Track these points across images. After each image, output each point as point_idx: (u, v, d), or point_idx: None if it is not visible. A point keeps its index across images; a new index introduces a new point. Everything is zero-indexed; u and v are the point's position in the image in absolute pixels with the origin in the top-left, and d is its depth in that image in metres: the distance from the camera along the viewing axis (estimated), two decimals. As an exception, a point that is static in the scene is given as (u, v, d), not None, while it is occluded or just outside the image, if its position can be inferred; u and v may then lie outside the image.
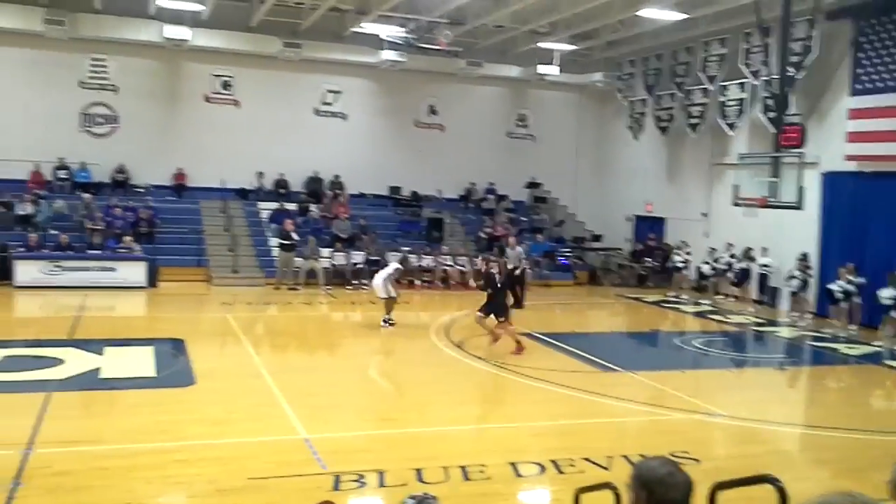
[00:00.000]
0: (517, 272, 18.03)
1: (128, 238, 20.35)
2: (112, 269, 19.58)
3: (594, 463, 7.97)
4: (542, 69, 25.29)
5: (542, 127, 27.82)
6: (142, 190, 23.15)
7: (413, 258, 22.41)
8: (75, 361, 11.72)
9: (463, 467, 7.68)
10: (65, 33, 21.69)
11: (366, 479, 7.35)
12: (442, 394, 11.08)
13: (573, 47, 23.74)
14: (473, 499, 7.10)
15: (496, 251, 18.47)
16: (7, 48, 22.18)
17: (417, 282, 22.04)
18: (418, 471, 7.54)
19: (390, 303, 15.62)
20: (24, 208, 20.87)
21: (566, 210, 27.81)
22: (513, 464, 7.90)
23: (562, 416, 9.98)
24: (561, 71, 25.22)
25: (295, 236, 20.90)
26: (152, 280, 19.85)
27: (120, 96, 23.51)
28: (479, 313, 13.71)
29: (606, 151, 27.98)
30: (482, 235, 24.71)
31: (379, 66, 24.74)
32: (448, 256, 22.85)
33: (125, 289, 19.19)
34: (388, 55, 23.92)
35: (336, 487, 7.09)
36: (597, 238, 26.64)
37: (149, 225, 21.55)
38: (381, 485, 7.30)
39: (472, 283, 17.89)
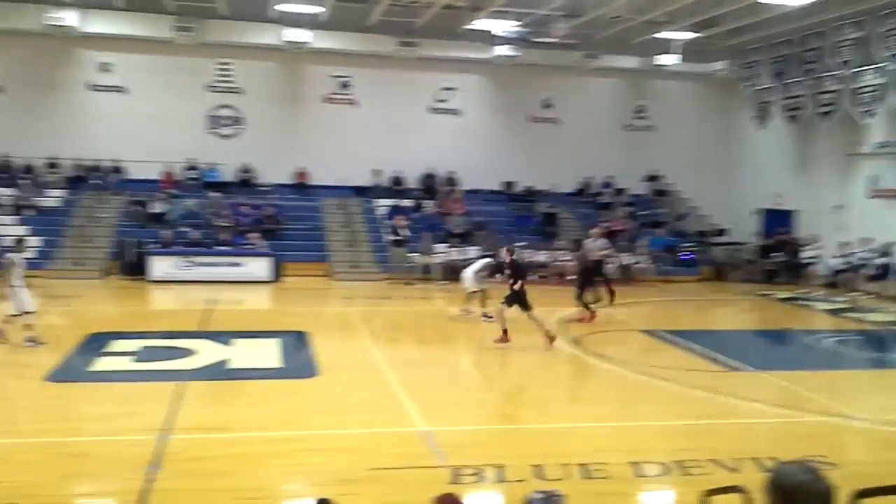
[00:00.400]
0: (595, 261, 17.63)
1: (253, 234, 21.16)
2: (239, 265, 20.40)
3: (722, 465, 7.64)
4: (661, 59, 24.56)
5: (661, 118, 27.04)
6: (266, 188, 24.02)
7: (528, 253, 22.24)
8: (206, 352, 12.24)
9: (583, 465, 7.52)
10: (193, 39, 22.76)
11: (484, 474, 7.31)
12: (561, 390, 10.92)
13: (694, 35, 22.93)
14: (594, 497, 6.94)
15: (571, 244, 18.26)
16: (139, 55, 23.49)
17: (532, 277, 21.83)
18: (537, 467, 7.44)
19: (483, 296, 15.62)
20: (158, 207, 22.04)
21: (689, 203, 26.93)
22: (635, 463, 7.68)
23: (687, 415, 9.63)
24: (682, 60, 24.40)
25: (405, 232, 21.17)
26: (277, 275, 20.56)
27: (244, 98, 24.48)
28: (502, 304, 13.45)
29: (731, 142, 26.90)
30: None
31: (493, 61, 24.69)
32: (563, 252, 22.54)
33: (251, 283, 19.95)
34: (503, 50, 23.83)
35: (455, 481, 7.08)
36: (721, 232, 25.63)
37: (273, 222, 22.34)
38: (500, 480, 7.24)
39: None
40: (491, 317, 15.56)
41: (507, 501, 6.79)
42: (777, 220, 24.34)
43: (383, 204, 24.15)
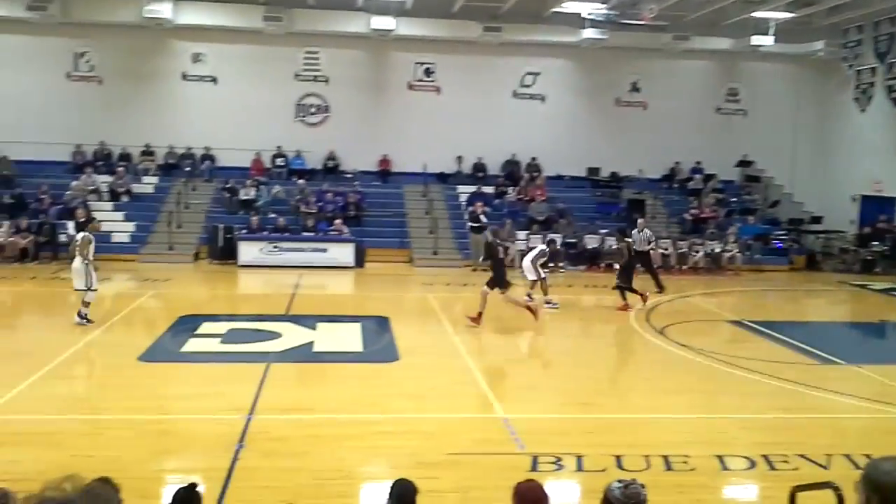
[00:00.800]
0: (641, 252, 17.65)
1: (338, 221, 21.49)
2: (323, 250, 20.77)
3: (811, 461, 7.35)
4: (756, 40, 23.63)
5: (755, 101, 26.09)
6: (350, 175, 24.34)
7: (612, 240, 21.87)
8: (291, 335, 12.51)
9: (665, 457, 7.36)
10: (281, 28, 23.20)
11: (563, 463, 7.23)
12: (643, 380, 10.70)
13: (791, 15, 21.99)
14: (676, 489, 6.77)
15: (617, 233, 17.97)
16: (230, 45, 24.10)
17: (615, 265, 21.47)
18: (618, 457, 7.32)
19: (544, 284, 15.59)
20: (247, 193, 22.63)
21: (782, 190, 25.94)
22: (719, 456, 7.46)
23: (775, 409, 9.30)
24: (777, 41, 23.45)
25: (483, 219, 21.10)
26: (360, 260, 20.84)
27: (330, 87, 24.84)
28: (485, 288, 13.70)
29: (828, 126, 25.73)
30: (687, 217, 23.65)
31: (579, 45, 24.29)
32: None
33: (335, 268, 20.28)
34: (590, 33, 23.41)
35: (534, 468, 7.03)
36: (816, 220, 24.59)
37: (357, 209, 22.63)
38: (580, 469, 7.15)
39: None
40: (556, 304, 15.70)
41: (587, 490, 6.69)
42: (876, 208, 23.19)
43: (465, 191, 24.14)
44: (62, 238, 20.02)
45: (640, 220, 19.00)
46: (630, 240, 16.94)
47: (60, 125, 23.29)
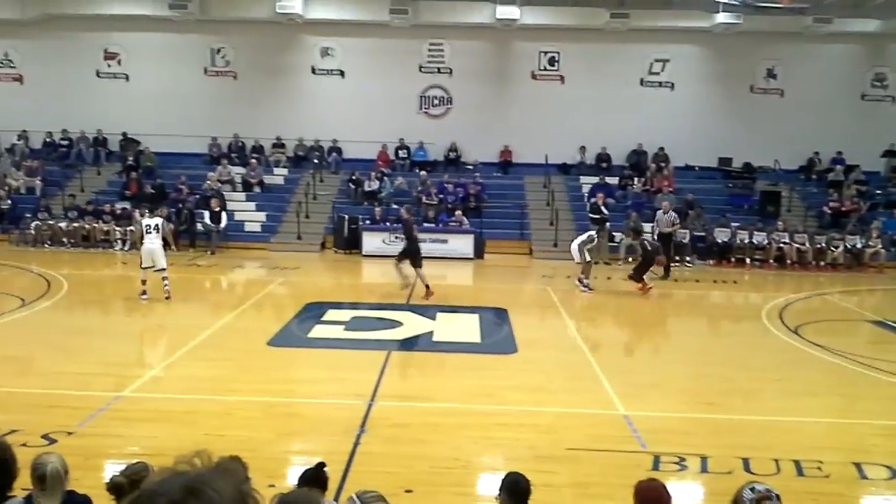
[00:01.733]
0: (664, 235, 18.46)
1: (458, 212, 21.62)
2: (444, 241, 20.93)
3: (963, 475, 6.78)
4: (906, 20, 22.05)
5: (905, 86, 24.35)
6: (471, 167, 24.42)
7: (743, 234, 20.99)
8: (412, 324, 12.70)
9: (796, 462, 6.98)
10: (407, 21, 23.52)
11: (687, 463, 6.99)
12: (773, 381, 10.19)
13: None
14: (809, 497, 6.41)
15: (631, 231, 17.55)
16: (357, 39, 24.65)
17: (748, 260, 20.60)
18: (745, 460, 7.00)
19: (587, 267, 16.10)
20: (371, 185, 23.11)
21: (932, 182, 24.13)
22: (857, 464, 7.01)
23: (922, 417, 8.65)
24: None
25: (605, 210, 20.66)
26: (479, 252, 20.88)
27: (453, 78, 24.99)
28: (395, 259, 15.37)
29: None
30: (826, 210, 22.37)
31: (712, 30, 23.38)
32: (784, 233, 20.99)
33: (455, 259, 20.41)
34: (723, 18, 22.51)
35: (655, 467, 6.83)
36: (972, 214, 22.73)
37: (477, 200, 22.68)
38: (704, 470, 6.89)
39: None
40: (591, 288, 16.17)
41: (712, 493, 6.44)
42: None
43: (588, 181, 23.74)
44: (199, 227, 21.10)
45: (665, 203, 18.52)
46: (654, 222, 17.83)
47: (198, 119, 24.54)
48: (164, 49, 24.95)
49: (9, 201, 22.20)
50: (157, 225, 14.16)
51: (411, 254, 15.18)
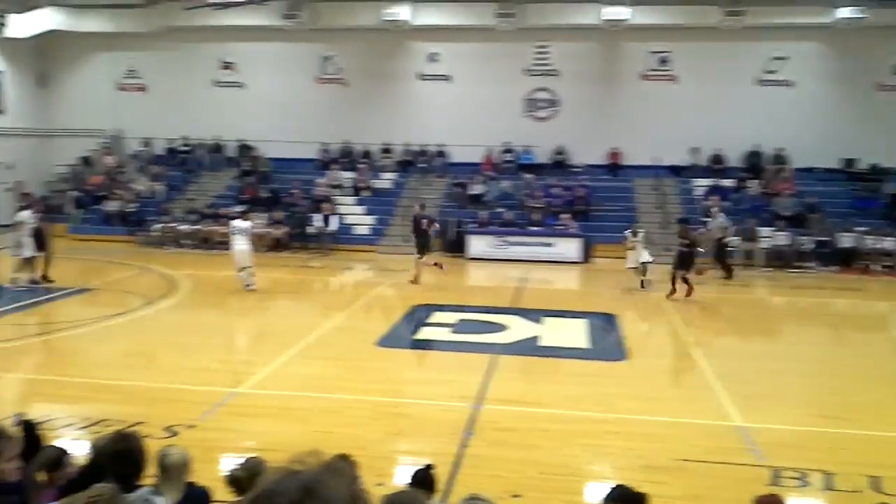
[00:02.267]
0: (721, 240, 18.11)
1: (565, 216, 21.38)
2: (550, 245, 20.75)
3: None
4: None
5: None
6: (578, 169, 24.11)
7: (870, 240, 19.85)
8: (518, 328, 12.62)
9: (935, 483, 6.52)
10: (513, 24, 23.46)
11: (809, 479, 6.64)
12: (905, 395, 9.57)
13: None
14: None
15: (681, 224, 16.31)
16: (463, 44, 24.78)
17: (875, 266, 19.47)
18: (874, 479, 6.59)
19: (642, 271, 16.22)
20: (476, 188, 23.16)
21: None
22: None
23: None
24: None
25: (718, 214, 19.93)
26: (586, 256, 20.58)
27: (560, 80, 24.75)
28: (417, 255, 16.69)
29: None
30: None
31: (833, 25, 22.26)
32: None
33: (561, 263, 20.18)
34: (846, 13, 21.40)
35: (775, 482, 6.52)
36: None
37: (584, 203, 22.37)
38: (829, 487, 6.53)
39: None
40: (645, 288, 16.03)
41: (837, 512, 6.10)
42: None
43: (701, 184, 23.02)
44: (310, 230, 21.69)
45: (714, 208, 18.08)
46: (707, 228, 17.61)
47: (309, 125, 25.26)
48: (278, 58, 25.80)
49: (134, 205, 23.43)
50: (242, 228, 14.97)
51: (421, 245, 16.88)
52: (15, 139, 25.62)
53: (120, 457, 3.78)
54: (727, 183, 22.65)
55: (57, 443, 5.07)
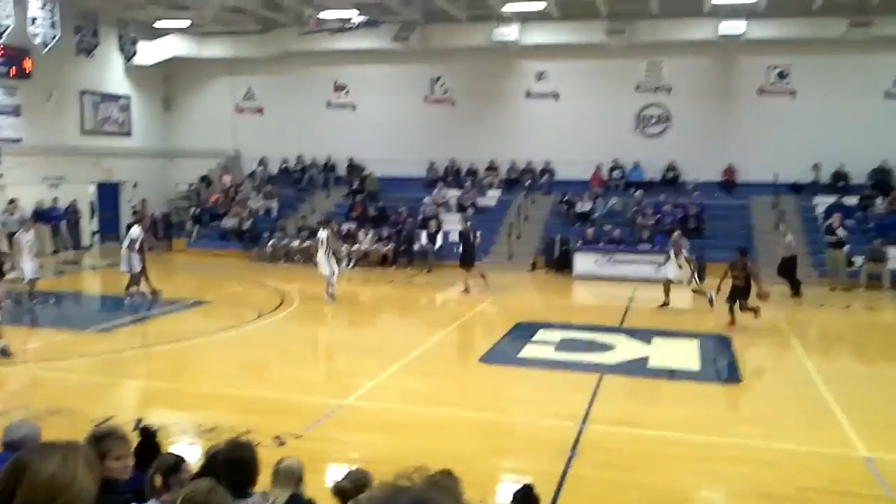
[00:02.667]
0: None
1: (676, 233, 20.73)
2: (660, 263, 20.14)
3: None
4: None
5: None
6: (690, 186, 23.43)
7: None
8: (625, 348, 12.29)
9: None
10: (623, 41, 23.11)
11: (946, 518, 6.13)
12: None
13: None
14: None
15: (740, 255, 14.48)
16: (572, 61, 24.61)
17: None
18: None
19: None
20: (584, 206, 22.84)
21: None
22: None
23: None
24: None
25: (841, 232, 18.91)
26: (699, 275, 19.84)
27: (672, 96, 24.19)
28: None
29: None
30: None
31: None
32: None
33: (672, 282, 19.54)
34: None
35: (906, 519, 6.05)
36: None
37: (697, 221, 21.68)
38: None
39: None
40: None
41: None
42: None
43: (822, 201, 21.92)
44: (416, 247, 21.92)
45: (781, 226, 18.25)
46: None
47: (417, 144, 25.62)
48: (388, 80, 26.34)
49: (249, 222, 24.33)
50: (322, 239, 15.89)
51: (467, 257, 17.91)
52: (141, 159, 27.12)
53: (233, 465, 3.87)
54: (851, 200, 21.48)
55: (172, 449, 5.25)
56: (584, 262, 20.59)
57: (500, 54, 24.76)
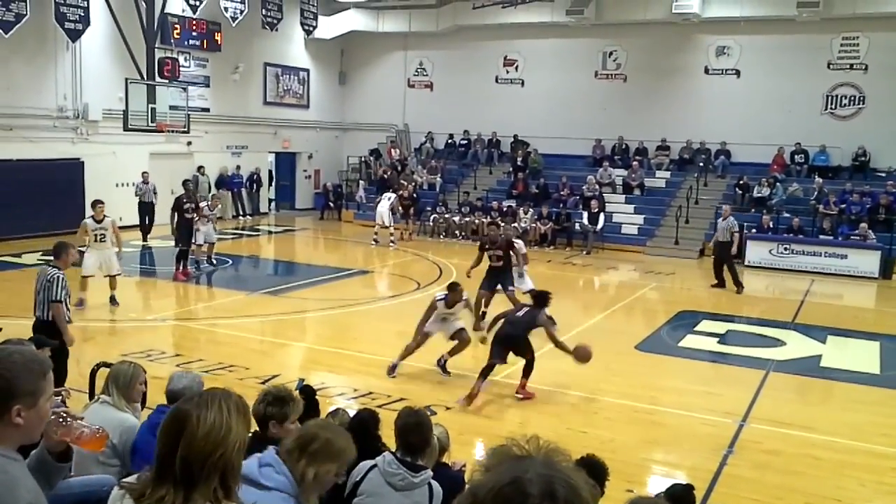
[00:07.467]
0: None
1: (863, 225, 19.20)
2: (842, 256, 18.76)
3: None
4: None
5: None
6: (883, 174, 21.54)
7: None
8: (796, 345, 11.58)
9: None
10: (817, 15, 21.46)
11: None
12: None
13: None
14: None
15: None
16: (757, 36, 23.11)
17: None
18: None
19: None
20: (761, 191, 21.56)
21: None
22: None
23: None
24: None
25: None
26: (886, 271, 18.33)
27: (869, 75, 22.24)
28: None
29: None
30: None
31: None
32: None
33: (855, 277, 18.18)
34: None
35: None
36: None
37: (888, 212, 19.92)
38: None
39: None
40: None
41: None
42: None
43: None
44: (576, 227, 21.57)
45: (725, 208, 16.53)
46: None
47: (584, 121, 25.07)
48: (558, 54, 25.92)
49: (414, 195, 24.85)
50: (385, 195, 18.05)
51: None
52: (316, 132, 28.36)
53: (408, 429, 4.05)
54: None
55: (331, 409, 5.47)
56: (757, 250, 19.47)
57: (679, 28, 23.71)
